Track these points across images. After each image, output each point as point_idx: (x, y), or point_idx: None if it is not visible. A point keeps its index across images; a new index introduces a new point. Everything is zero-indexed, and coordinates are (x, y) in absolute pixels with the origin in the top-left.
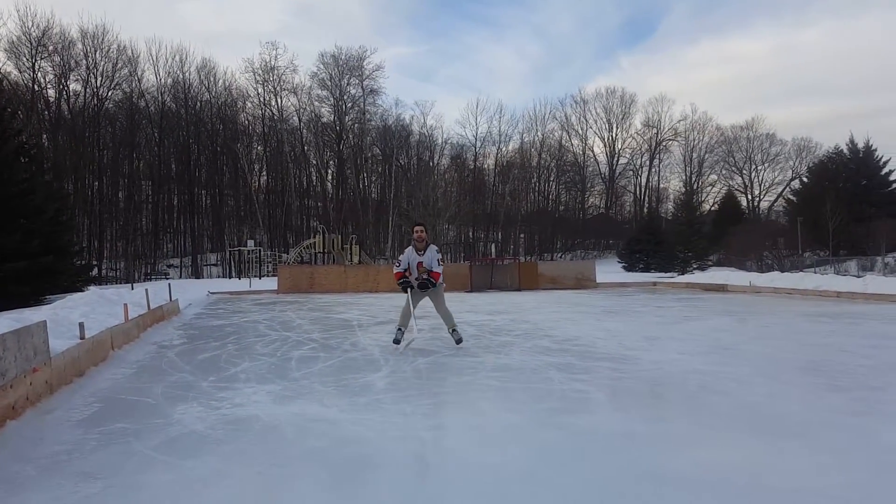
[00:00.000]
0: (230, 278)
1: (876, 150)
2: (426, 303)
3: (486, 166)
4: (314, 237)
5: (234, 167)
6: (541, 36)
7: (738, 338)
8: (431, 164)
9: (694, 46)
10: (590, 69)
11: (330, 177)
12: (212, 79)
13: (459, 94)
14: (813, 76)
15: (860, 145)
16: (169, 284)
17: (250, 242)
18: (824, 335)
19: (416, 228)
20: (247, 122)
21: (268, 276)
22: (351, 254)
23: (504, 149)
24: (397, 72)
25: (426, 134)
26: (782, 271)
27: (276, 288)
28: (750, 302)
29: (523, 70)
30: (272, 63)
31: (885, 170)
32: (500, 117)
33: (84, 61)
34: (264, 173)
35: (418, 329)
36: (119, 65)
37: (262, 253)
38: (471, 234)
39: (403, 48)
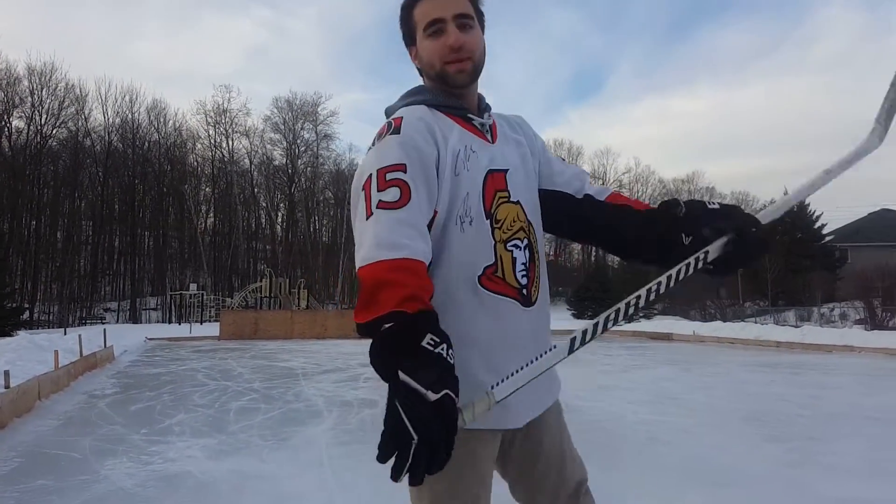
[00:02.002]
0: (170, 323)
1: (809, 205)
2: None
3: None
4: (261, 281)
5: (181, 208)
6: (493, 87)
7: (684, 387)
8: None
9: (638, 104)
10: (540, 121)
11: (280, 220)
12: (161, 119)
13: None
14: (749, 133)
15: None
16: (104, 330)
17: (193, 286)
18: (765, 385)
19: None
20: (196, 163)
21: (210, 321)
22: (299, 298)
23: None
24: (352, 117)
25: None
26: (724, 321)
27: (217, 334)
28: (694, 351)
29: None
30: (225, 105)
31: (818, 224)
32: None
33: (29, 98)
34: (211, 215)
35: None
36: (66, 103)
37: (204, 297)
38: None
39: (359, 94)
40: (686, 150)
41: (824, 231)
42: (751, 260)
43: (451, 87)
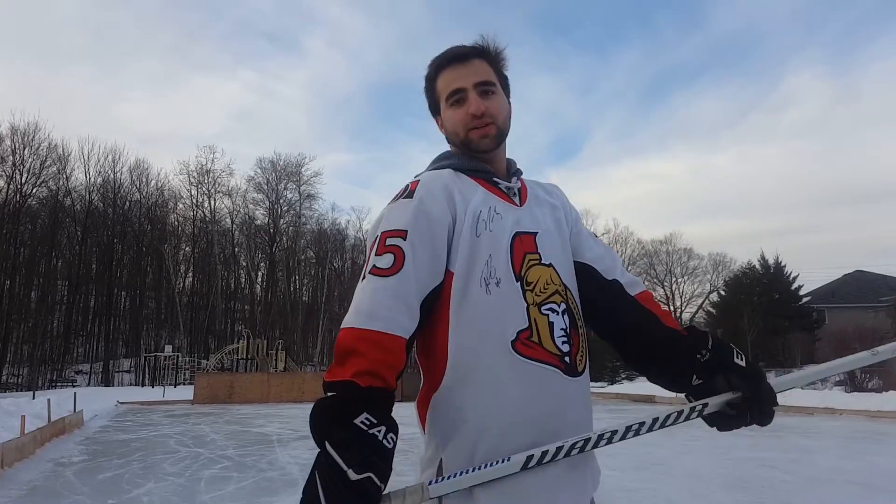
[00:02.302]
0: (143, 386)
1: (785, 266)
2: None
3: None
4: (238, 342)
5: (159, 268)
6: None
7: (667, 452)
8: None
9: (616, 166)
10: None
11: (260, 279)
12: (144, 179)
13: None
14: (725, 196)
15: (771, 262)
16: (74, 393)
17: (168, 348)
18: (748, 449)
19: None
20: (177, 222)
21: (184, 384)
22: (276, 360)
23: None
24: (335, 177)
25: (362, 238)
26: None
27: (191, 398)
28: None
29: None
30: (208, 166)
31: (795, 285)
32: None
33: (11, 158)
34: (190, 275)
35: None
36: (48, 162)
37: (179, 359)
38: None
39: (343, 155)
40: (664, 211)
41: (801, 293)
42: (744, 425)
43: (476, 153)
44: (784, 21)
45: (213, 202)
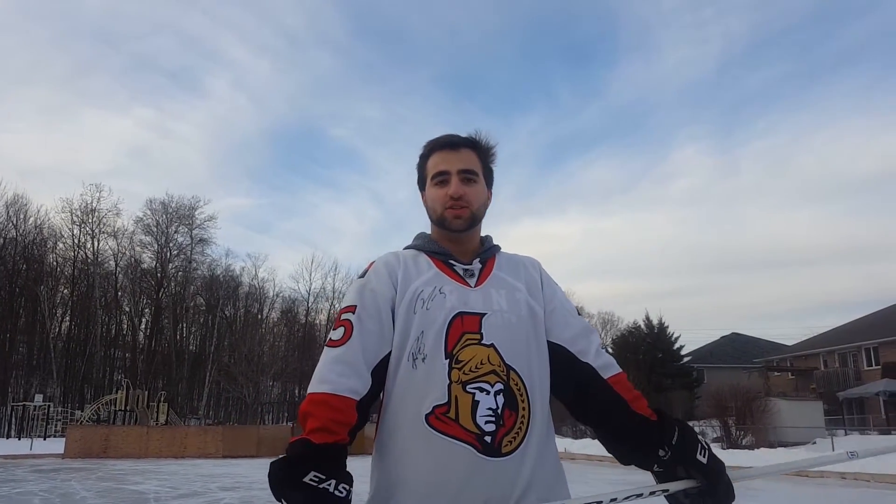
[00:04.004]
0: (9, 438)
1: (668, 326)
2: None
3: (318, 322)
4: (116, 392)
5: (33, 311)
6: (380, 202)
7: None
8: (260, 316)
9: (515, 225)
10: None
11: (144, 326)
12: (22, 216)
13: (296, 249)
14: (615, 258)
15: (655, 322)
16: None
17: (38, 397)
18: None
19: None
20: (55, 263)
21: (55, 436)
22: (157, 413)
23: (337, 305)
24: (232, 222)
25: (257, 286)
26: (594, 438)
27: (62, 451)
28: (565, 469)
29: (362, 231)
30: (94, 205)
31: (677, 345)
32: (334, 274)
33: None
34: (67, 319)
35: None
36: None
37: (51, 409)
38: (297, 392)
39: (241, 199)
40: (558, 270)
41: (682, 352)
42: None
43: (448, 231)
44: (673, 98)
45: (96, 243)
